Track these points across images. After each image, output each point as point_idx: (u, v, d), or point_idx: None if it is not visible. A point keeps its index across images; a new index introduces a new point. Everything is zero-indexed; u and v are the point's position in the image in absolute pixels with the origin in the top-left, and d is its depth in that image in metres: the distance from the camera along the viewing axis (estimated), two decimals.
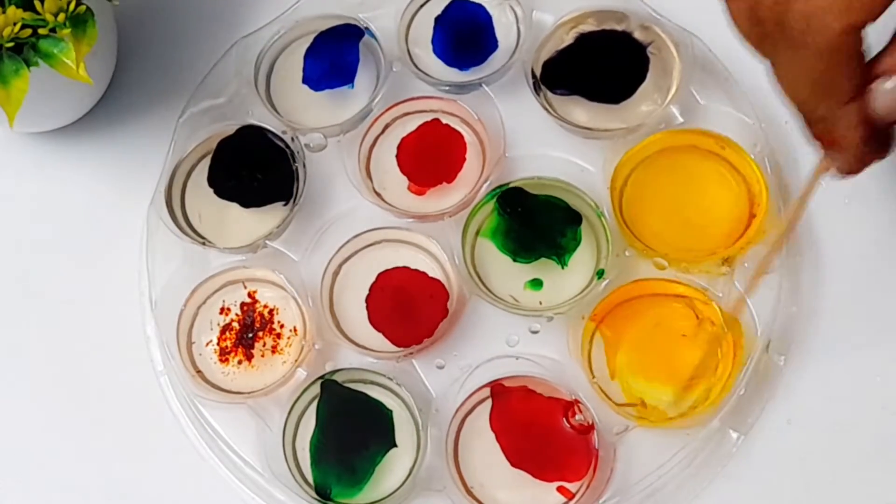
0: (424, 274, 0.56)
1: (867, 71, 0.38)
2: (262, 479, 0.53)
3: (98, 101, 0.63)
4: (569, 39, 0.59)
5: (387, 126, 0.60)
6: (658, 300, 0.54)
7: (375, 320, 0.55)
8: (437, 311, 0.55)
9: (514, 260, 0.55)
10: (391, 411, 0.53)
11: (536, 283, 0.55)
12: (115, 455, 0.56)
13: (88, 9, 0.54)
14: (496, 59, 0.60)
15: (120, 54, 0.63)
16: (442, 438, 0.52)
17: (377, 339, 0.55)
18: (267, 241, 0.57)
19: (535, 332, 0.55)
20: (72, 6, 0.53)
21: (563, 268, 0.55)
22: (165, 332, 0.56)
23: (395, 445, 0.52)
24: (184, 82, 0.62)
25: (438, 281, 0.55)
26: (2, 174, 0.63)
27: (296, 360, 0.54)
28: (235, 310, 0.56)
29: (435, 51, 0.61)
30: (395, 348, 0.54)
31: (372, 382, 0.54)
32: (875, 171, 0.57)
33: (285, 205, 0.58)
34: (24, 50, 0.53)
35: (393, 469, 0.52)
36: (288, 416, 0.53)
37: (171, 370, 0.56)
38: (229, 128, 0.59)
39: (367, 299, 0.55)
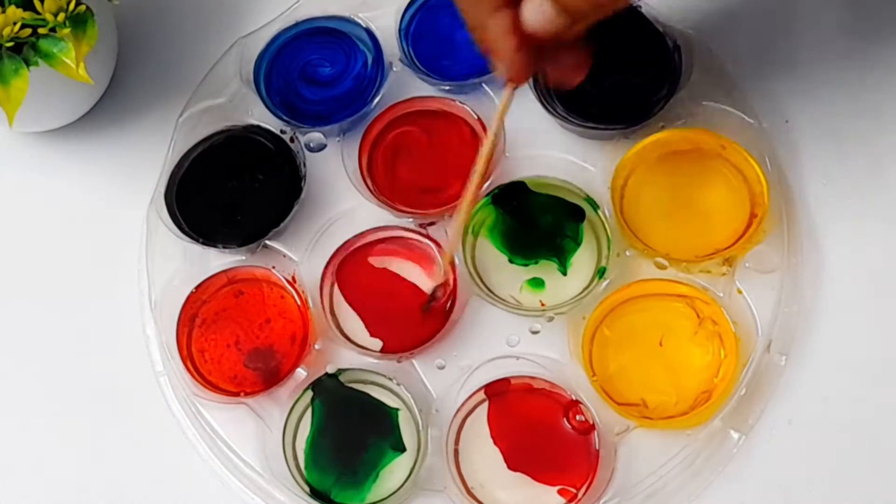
0: (424, 273, 0.56)
1: None
2: (262, 479, 0.53)
3: (98, 101, 0.63)
4: None
5: (387, 126, 0.60)
6: (659, 300, 0.54)
7: (373, 327, 0.55)
8: (438, 312, 0.55)
9: (511, 261, 0.56)
10: (397, 410, 0.53)
11: (537, 283, 0.55)
12: (115, 455, 0.56)
13: (88, 8, 0.54)
14: None
15: (120, 54, 0.63)
16: (442, 439, 0.52)
17: (377, 340, 0.55)
18: (267, 241, 0.57)
19: (535, 333, 0.55)
20: (71, 6, 0.53)
21: (564, 274, 0.55)
22: (165, 332, 0.56)
23: (404, 449, 0.52)
24: (184, 82, 0.62)
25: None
26: (1, 174, 0.63)
27: (296, 361, 0.54)
28: (235, 309, 0.56)
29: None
30: (395, 350, 0.54)
31: (372, 383, 0.54)
32: (875, 170, 0.57)
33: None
34: (24, 49, 0.53)
35: (393, 470, 0.52)
36: (288, 417, 0.53)
37: (171, 370, 0.55)
38: (229, 128, 0.59)
39: (363, 303, 0.55)
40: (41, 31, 0.53)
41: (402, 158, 0.59)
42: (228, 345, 0.56)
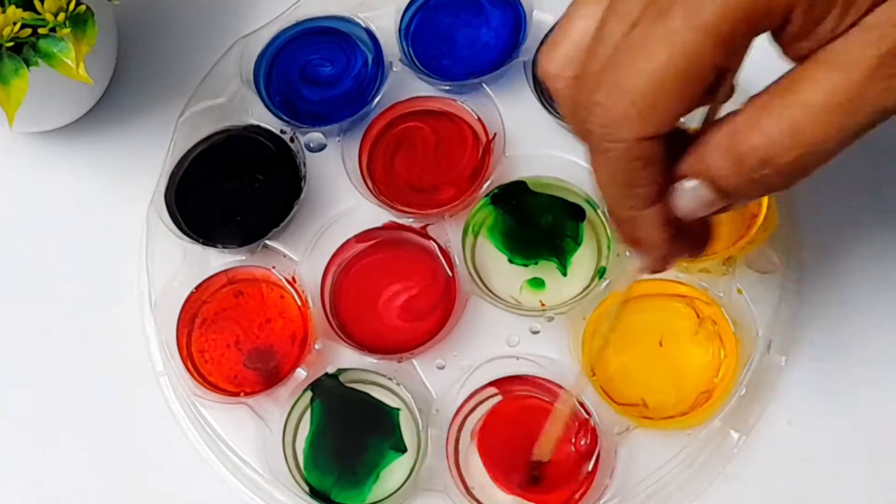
0: (424, 273, 0.56)
1: (669, 174, 0.37)
2: (262, 479, 0.53)
3: (98, 101, 0.62)
4: None
5: (387, 126, 0.60)
6: (659, 300, 0.54)
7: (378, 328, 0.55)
8: (439, 312, 0.55)
9: (511, 261, 0.56)
10: (397, 410, 0.53)
11: (537, 283, 0.55)
12: (115, 455, 0.56)
13: (88, 8, 0.53)
14: (496, 59, 0.60)
15: (120, 54, 0.63)
16: (442, 439, 0.52)
17: (377, 340, 0.55)
18: (267, 241, 0.57)
19: (535, 333, 0.55)
20: (71, 6, 0.52)
21: (564, 274, 0.55)
22: (165, 332, 0.56)
23: (404, 450, 0.52)
24: (184, 82, 0.62)
25: (440, 282, 0.55)
26: (1, 174, 0.63)
27: (296, 361, 0.54)
28: (235, 309, 0.56)
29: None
30: (395, 350, 0.54)
31: (372, 383, 0.54)
32: (874, 170, 0.57)
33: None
34: (24, 49, 0.53)
35: (393, 470, 0.52)
36: (288, 417, 0.53)
37: (171, 370, 0.55)
38: (229, 128, 0.59)
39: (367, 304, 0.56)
40: (41, 31, 0.53)
41: (402, 158, 0.59)
42: (228, 345, 0.56)
